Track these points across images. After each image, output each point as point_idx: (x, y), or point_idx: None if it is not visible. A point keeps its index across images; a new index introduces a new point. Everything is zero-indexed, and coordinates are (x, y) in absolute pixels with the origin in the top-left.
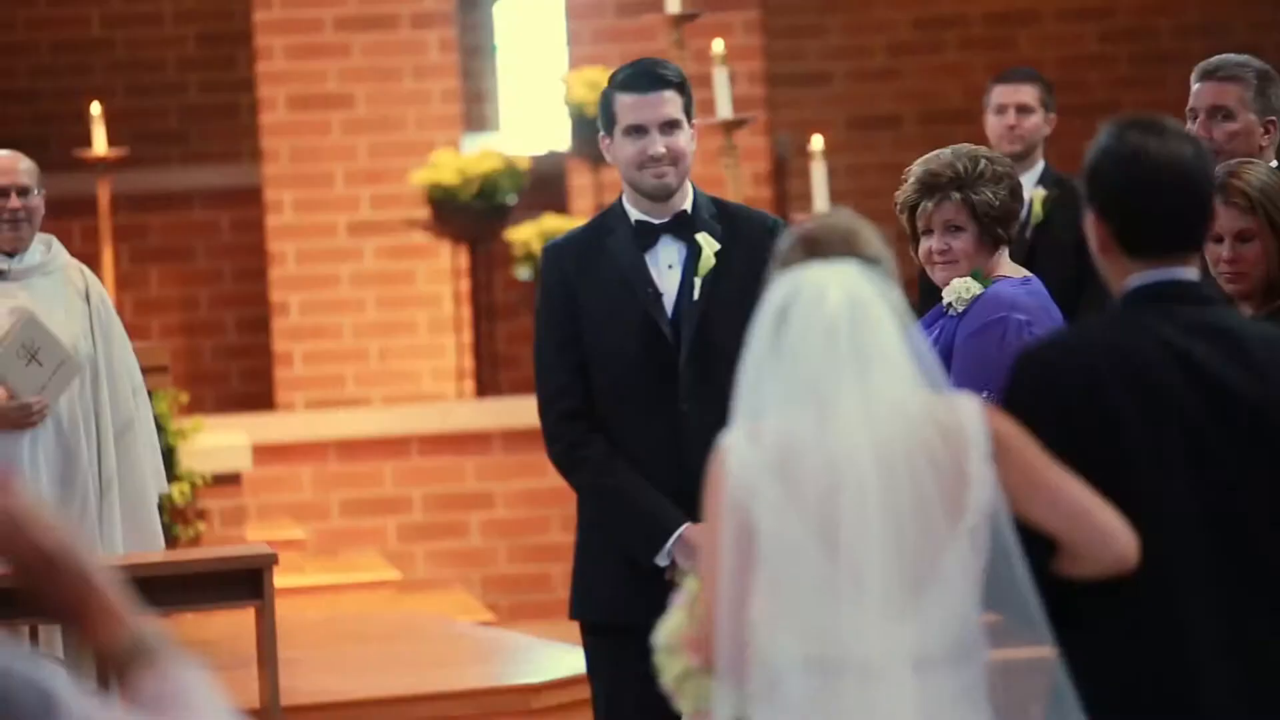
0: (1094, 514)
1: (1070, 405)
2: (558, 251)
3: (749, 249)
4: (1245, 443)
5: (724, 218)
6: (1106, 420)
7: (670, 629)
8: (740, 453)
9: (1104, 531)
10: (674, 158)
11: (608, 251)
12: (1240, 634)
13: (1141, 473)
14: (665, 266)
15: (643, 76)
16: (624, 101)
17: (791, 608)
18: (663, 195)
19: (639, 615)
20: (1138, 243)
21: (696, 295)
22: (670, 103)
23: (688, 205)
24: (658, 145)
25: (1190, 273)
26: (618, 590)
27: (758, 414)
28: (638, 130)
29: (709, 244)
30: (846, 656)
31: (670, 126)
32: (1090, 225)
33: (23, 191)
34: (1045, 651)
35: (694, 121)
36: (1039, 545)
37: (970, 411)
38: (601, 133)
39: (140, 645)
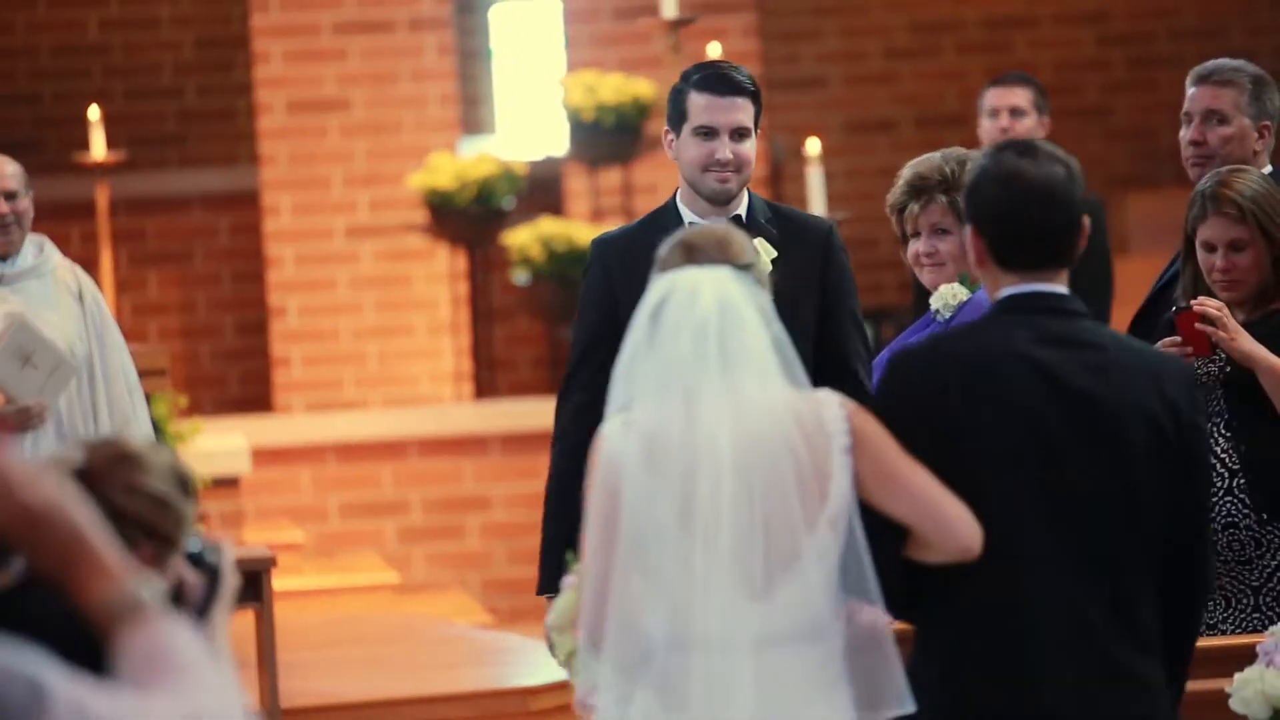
0: (943, 506)
1: (929, 408)
2: (603, 248)
3: (805, 253)
4: (1097, 448)
5: (780, 221)
6: (962, 424)
7: (560, 609)
8: (614, 440)
9: (951, 522)
10: (739, 164)
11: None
12: (1084, 625)
13: (995, 473)
14: None
15: (721, 80)
16: (697, 101)
17: (656, 587)
18: (723, 200)
19: None
20: (1009, 256)
21: None
22: (743, 110)
23: (743, 210)
24: (725, 150)
25: (1059, 286)
26: None
27: (630, 404)
28: (708, 132)
29: (766, 249)
30: (697, 634)
31: (740, 134)
32: (968, 239)
33: (10, 195)
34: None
35: (761, 130)
36: (893, 533)
37: (832, 407)
38: (666, 127)
39: (130, 600)
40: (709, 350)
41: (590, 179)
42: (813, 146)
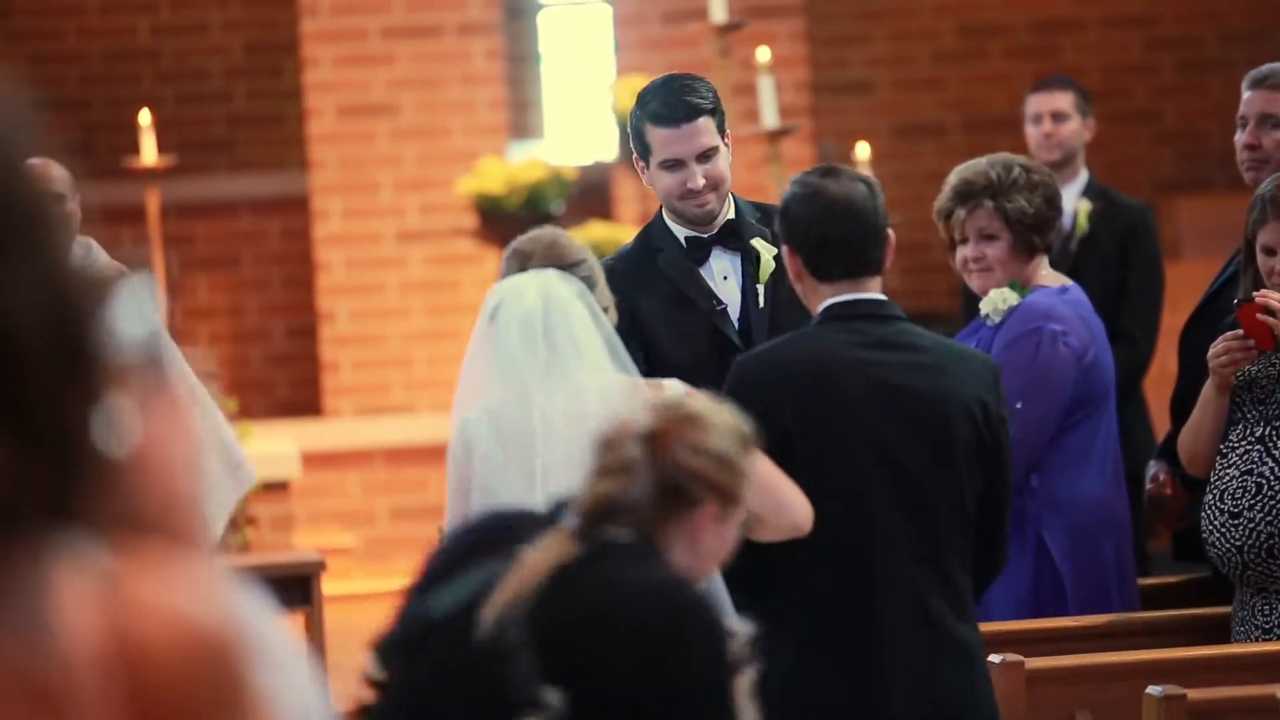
0: (779, 486)
1: (770, 413)
2: (610, 272)
3: None
4: (927, 443)
5: (768, 220)
6: (802, 426)
7: None
8: (474, 425)
9: (786, 501)
10: (714, 184)
11: (661, 270)
12: (922, 604)
13: (836, 471)
14: (721, 279)
15: (676, 107)
16: (657, 134)
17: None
18: (707, 221)
19: None
20: (822, 269)
21: (762, 302)
22: (705, 131)
23: (731, 214)
24: (697, 178)
25: (875, 293)
26: None
27: (473, 396)
28: (675, 164)
29: (766, 249)
30: None
31: (707, 155)
32: (786, 258)
33: (56, 199)
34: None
35: (728, 135)
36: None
37: (675, 392)
38: (636, 156)
39: None
40: (537, 343)
41: (639, 183)
42: (861, 151)
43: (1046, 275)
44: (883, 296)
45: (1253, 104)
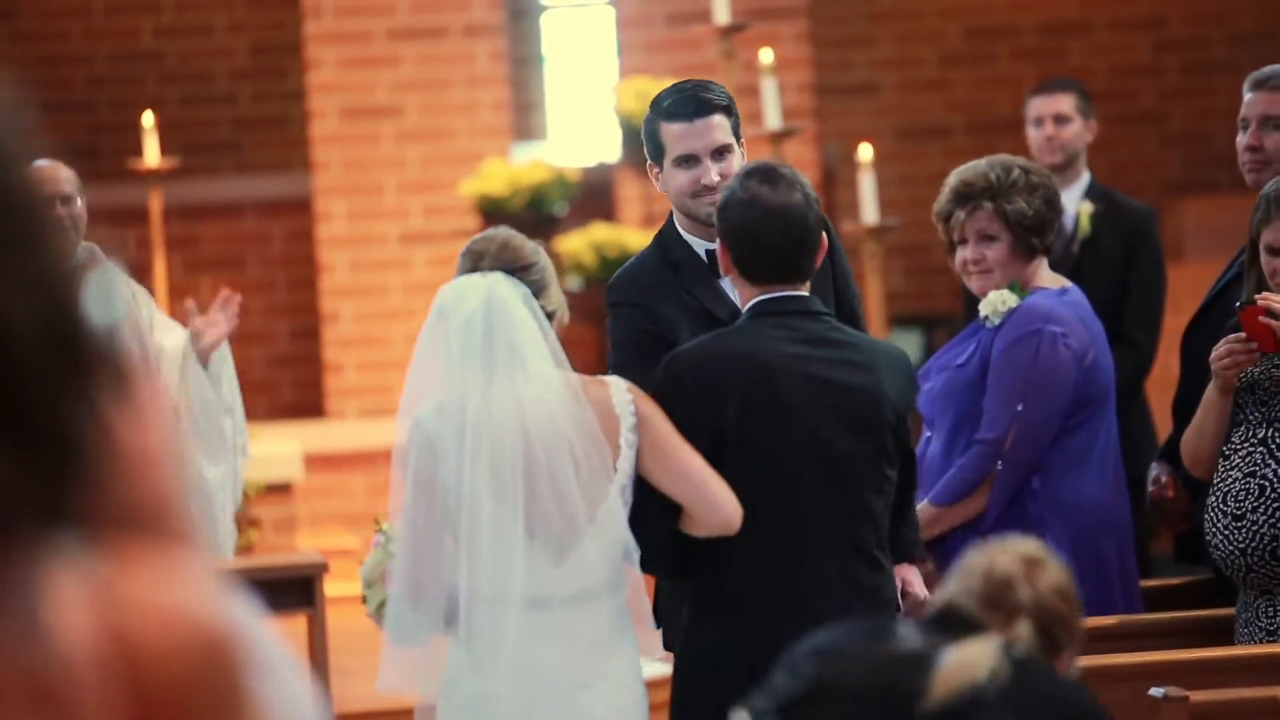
0: (710, 484)
1: (710, 405)
2: (626, 285)
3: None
4: (857, 428)
5: None
6: (742, 415)
7: (370, 566)
8: (428, 421)
9: (715, 499)
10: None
11: (681, 286)
12: (847, 563)
13: (774, 462)
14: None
15: (689, 102)
16: (671, 130)
17: (473, 551)
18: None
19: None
20: (750, 269)
21: None
22: (719, 127)
23: None
24: (711, 174)
25: (802, 291)
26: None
27: (419, 395)
28: (689, 159)
29: None
30: (513, 591)
31: (721, 152)
32: (719, 252)
33: (65, 200)
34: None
35: (743, 142)
36: (669, 508)
37: (620, 391)
38: (649, 161)
39: None
40: (476, 344)
41: (642, 185)
42: (865, 152)
43: (1046, 277)
44: (808, 294)
45: (1254, 106)
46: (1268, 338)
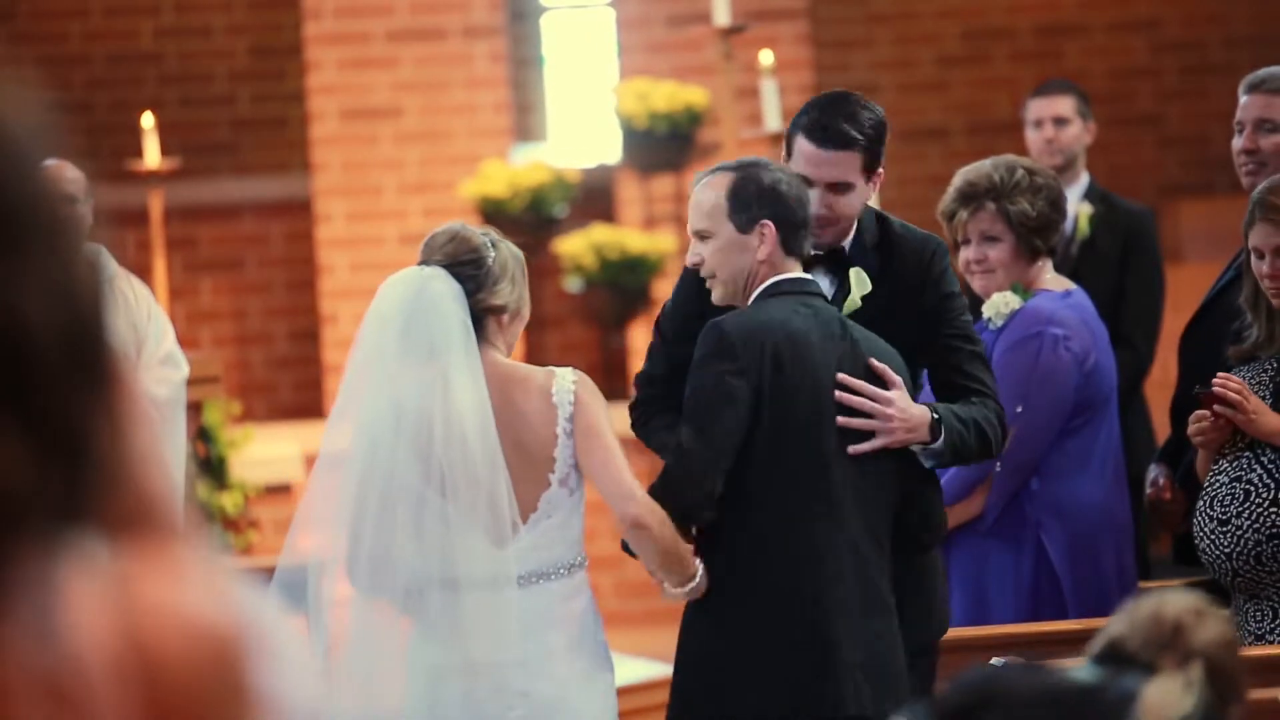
0: (624, 476)
1: (745, 372)
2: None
3: (900, 280)
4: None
5: (885, 245)
6: (773, 390)
7: None
8: (373, 423)
9: (626, 489)
10: (834, 219)
11: None
12: (864, 567)
13: (801, 431)
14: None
15: (824, 131)
16: (802, 147)
17: (425, 538)
18: (814, 249)
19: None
20: (794, 245)
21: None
22: (845, 163)
23: (848, 241)
24: (819, 205)
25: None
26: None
27: (352, 394)
28: (805, 181)
29: (860, 284)
30: (464, 575)
31: (839, 188)
32: (767, 232)
33: (69, 201)
34: None
35: (879, 175)
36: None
37: (564, 381)
38: (784, 152)
39: None
40: (389, 339)
41: (642, 187)
42: None
43: (1050, 279)
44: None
45: (1249, 109)
46: (1226, 422)
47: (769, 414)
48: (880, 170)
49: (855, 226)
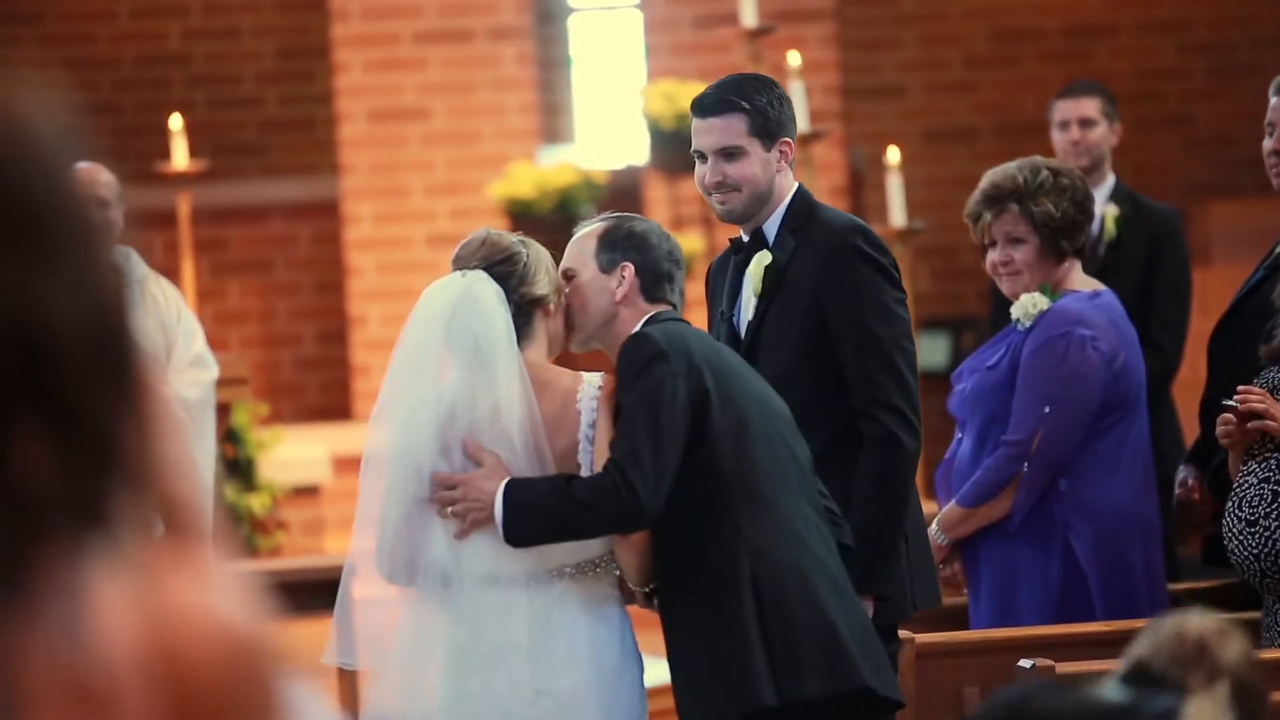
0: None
1: (683, 369)
2: (711, 267)
3: (809, 261)
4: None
5: (804, 230)
6: (715, 386)
7: None
8: (415, 424)
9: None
10: (736, 184)
11: (730, 268)
12: (817, 521)
13: (746, 421)
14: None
15: (702, 100)
16: (692, 125)
17: (449, 534)
18: (727, 220)
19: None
20: (655, 293)
21: (751, 314)
22: (728, 129)
23: (770, 223)
24: (713, 172)
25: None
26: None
27: (394, 396)
28: (700, 155)
29: (759, 261)
30: (495, 571)
31: (728, 153)
32: (628, 275)
33: (101, 205)
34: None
35: (781, 145)
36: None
37: (590, 387)
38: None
39: None
40: (435, 341)
41: (670, 187)
42: (892, 155)
43: (1079, 280)
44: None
45: (1279, 110)
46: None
47: (721, 408)
48: (786, 140)
49: (782, 214)
